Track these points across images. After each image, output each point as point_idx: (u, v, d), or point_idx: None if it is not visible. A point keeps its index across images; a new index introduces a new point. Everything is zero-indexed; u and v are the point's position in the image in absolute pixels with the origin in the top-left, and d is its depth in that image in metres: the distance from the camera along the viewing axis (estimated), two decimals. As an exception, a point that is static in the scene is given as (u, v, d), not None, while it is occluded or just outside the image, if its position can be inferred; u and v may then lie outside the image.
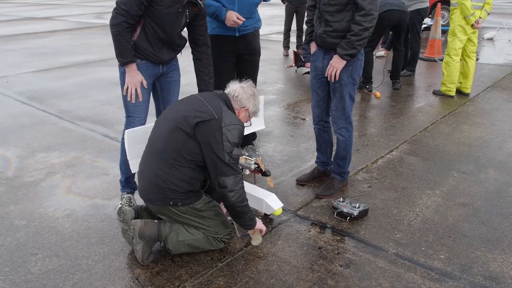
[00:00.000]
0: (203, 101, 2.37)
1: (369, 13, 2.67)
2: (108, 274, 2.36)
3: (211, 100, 2.39)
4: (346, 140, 3.06)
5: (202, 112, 2.31)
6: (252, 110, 2.54)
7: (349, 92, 2.94)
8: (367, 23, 2.68)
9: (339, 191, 3.16)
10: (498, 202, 3.02)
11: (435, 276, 2.30)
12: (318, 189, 3.19)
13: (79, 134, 4.47)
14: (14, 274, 2.37)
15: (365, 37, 2.73)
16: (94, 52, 9.03)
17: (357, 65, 2.90)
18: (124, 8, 2.51)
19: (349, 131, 3.06)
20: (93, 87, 6.29)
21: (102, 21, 14.33)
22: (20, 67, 7.72)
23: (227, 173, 2.30)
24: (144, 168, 2.46)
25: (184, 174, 2.33)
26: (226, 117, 2.31)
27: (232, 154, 2.29)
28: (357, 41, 2.72)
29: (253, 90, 2.55)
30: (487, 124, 4.54)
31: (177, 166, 2.32)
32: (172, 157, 2.31)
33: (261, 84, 6.33)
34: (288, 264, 2.41)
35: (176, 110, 2.42)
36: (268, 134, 4.37)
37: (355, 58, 2.84)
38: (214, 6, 3.19)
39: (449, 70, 5.42)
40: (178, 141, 2.31)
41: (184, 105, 2.43)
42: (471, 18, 5.15)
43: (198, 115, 2.30)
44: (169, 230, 2.42)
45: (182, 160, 2.31)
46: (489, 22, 11.83)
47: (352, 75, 2.90)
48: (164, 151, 2.33)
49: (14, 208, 3.05)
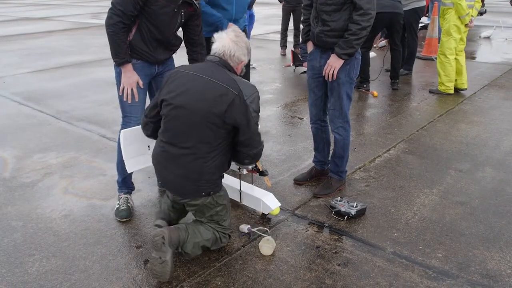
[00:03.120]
0: (213, 81, 2.24)
1: (367, 13, 2.68)
2: (106, 274, 2.36)
3: (218, 75, 2.27)
4: (343, 139, 3.07)
5: (223, 95, 2.19)
6: (247, 60, 2.53)
7: (346, 91, 2.94)
8: (365, 22, 2.69)
9: (336, 190, 3.16)
10: (495, 200, 3.03)
11: (432, 274, 2.30)
12: (316, 189, 3.19)
13: (76, 134, 4.45)
14: (11, 275, 2.36)
15: (363, 36, 2.73)
16: (90, 52, 9.00)
17: (354, 64, 2.90)
18: (119, 8, 2.51)
19: (346, 130, 3.06)
20: (90, 87, 6.27)
21: (98, 21, 14.30)
22: (16, 67, 7.69)
23: (258, 144, 2.36)
24: (170, 164, 2.32)
25: (219, 161, 2.30)
26: (243, 88, 2.27)
27: (257, 122, 2.33)
28: (355, 40, 2.72)
29: (241, 37, 2.47)
30: (484, 122, 4.55)
31: (213, 156, 2.26)
32: (206, 151, 2.25)
33: (259, 83, 6.32)
34: (286, 263, 2.41)
35: (195, 103, 2.22)
36: (266, 133, 4.37)
37: (352, 57, 2.84)
38: (215, 16, 3.21)
39: (446, 70, 5.44)
40: (210, 136, 2.24)
41: (199, 95, 2.23)
42: (466, 18, 5.22)
43: (222, 100, 2.18)
44: (186, 234, 2.33)
45: (217, 149, 2.27)
46: (486, 21, 11.85)
47: (350, 74, 2.90)
48: (196, 148, 2.25)
49: (11, 209, 3.04)
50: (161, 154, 2.36)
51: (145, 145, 2.70)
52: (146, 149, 2.71)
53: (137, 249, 2.57)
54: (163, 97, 2.32)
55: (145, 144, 2.70)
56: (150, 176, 3.40)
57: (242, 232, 2.68)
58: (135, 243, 2.63)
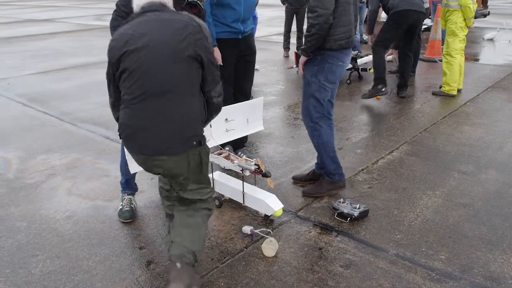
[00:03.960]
0: (171, 18, 2.05)
1: (313, 10, 2.70)
2: (109, 275, 2.37)
3: (172, 14, 2.08)
4: (313, 138, 3.09)
5: (185, 27, 2.01)
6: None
7: (312, 93, 2.94)
8: (312, 20, 2.71)
9: (326, 193, 3.13)
10: (499, 202, 3.02)
11: (435, 276, 2.30)
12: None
13: (79, 135, 4.47)
14: (15, 275, 2.38)
15: (313, 34, 2.75)
16: (94, 54, 9.03)
17: (324, 67, 2.88)
18: (124, 10, 2.52)
19: (317, 130, 3.05)
20: (94, 89, 6.30)
21: (102, 23, 14.36)
22: (21, 69, 7.73)
23: (218, 78, 2.15)
24: (150, 120, 2.02)
25: (201, 105, 2.12)
26: (196, 18, 2.10)
27: None
28: (307, 37, 2.79)
29: None
30: (487, 124, 4.54)
31: (193, 100, 2.07)
32: (185, 92, 2.04)
33: (262, 85, 6.33)
34: (288, 265, 2.41)
35: (159, 39, 2.00)
36: (269, 135, 4.38)
37: (318, 58, 2.86)
38: (211, 31, 3.18)
39: (451, 70, 5.47)
40: (184, 74, 2.03)
41: (161, 32, 2.02)
42: (471, 20, 5.33)
43: (186, 31, 2.00)
44: (192, 256, 2.09)
45: (195, 91, 2.08)
46: (489, 22, 11.83)
47: (317, 76, 2.90)
48: (174, 91, 2.02)
49: (15, 210, 3.05)
50: (137, 115, 2.04)
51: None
52: None
53: (140, 250, 2.58)
54: (117, 58, 2.02)
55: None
56: (153, 178, 3.42)
57: (245, 234, 2.68)
58: (138, 244, 2.64)
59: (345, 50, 2.90)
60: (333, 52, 2.84)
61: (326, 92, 2.94)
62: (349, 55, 2.98)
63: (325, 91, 2.93)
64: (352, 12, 2.85)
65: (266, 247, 2.49)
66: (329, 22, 2.71)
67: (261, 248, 2.51)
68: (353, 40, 2.93)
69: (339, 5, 2.73)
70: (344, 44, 2.83)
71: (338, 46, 2.82)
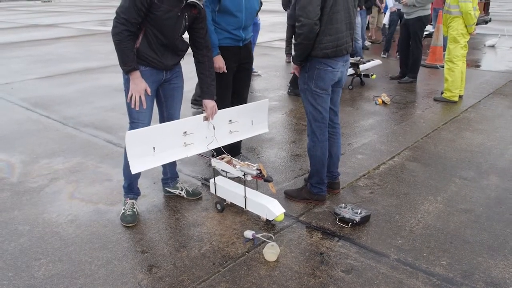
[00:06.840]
0: None
1: (298, 19, 2.73)
2: (111, 279, 2.38)
3: None
4: (308, 145, 3.10)
5: None
6: None
7: (308, 99, 2.97)
8: (297, 29, 2.75)
9: (302, 200, 3.15)
10: (500, 208, 3.02)
11: (436, 282, 2.30)
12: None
13: (82, 140, 4.50)
14: (18, 279, 2.39)
15: (299, 43, 2.77)
16: (97, 58, 9.09)
17: (313, 74, 2.88)
18: (123, 17, 2.55)
19: (313, 141, 3.04)
20: (96, 93, 6.33)
21: (104, 28, 14.44)
22: (24, 73, 7.78)
23: None
24: None
25: None
26: None
27: None
28: (295, 46, 2.84)
29: None
30: (488, 130, 4.55)
31: None
32: None
33: (264, 90, 6.36)
34: (290, 269, 2.42)
35: None
36: (271, 140, 4.39)
37: (308, 65, 2.87)
38: (212, 39, 3.20)
39: (453, 76, 5.49)
40: None
41: None
42: (473, 26, 5.35)
43: None
44: None
45: None
46: (491, 29, 11.86)
47: (308, 82, 2.91)
48: None
49: (18, 214, 3.07)
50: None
51: (150, 147, 2.72)
52: (151, 151, 2.73)
53: (142, 254, 2.59)
54: None
55: (150, 146, 2.72)
56: (156, 182, 3.43)
57: (246, 238, 2.69)
58: (140, 248, 2.65)
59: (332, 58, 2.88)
60: (319, 58, 2.84)
61: (321, 98, 2.92)
62: (340, 61, 2.90)
63: (319, 97, 2.92)
64: (343, 19, 2.81)
65: (267, 252, 2.49)
66: (314, 32, 2.71)
67: (263, 252, 2.52)
68: (345, 48, 2.88)
69: (325, 14, 2.72)
70: (330, 53, 2.80)
71: (324, 54, 2.80)
